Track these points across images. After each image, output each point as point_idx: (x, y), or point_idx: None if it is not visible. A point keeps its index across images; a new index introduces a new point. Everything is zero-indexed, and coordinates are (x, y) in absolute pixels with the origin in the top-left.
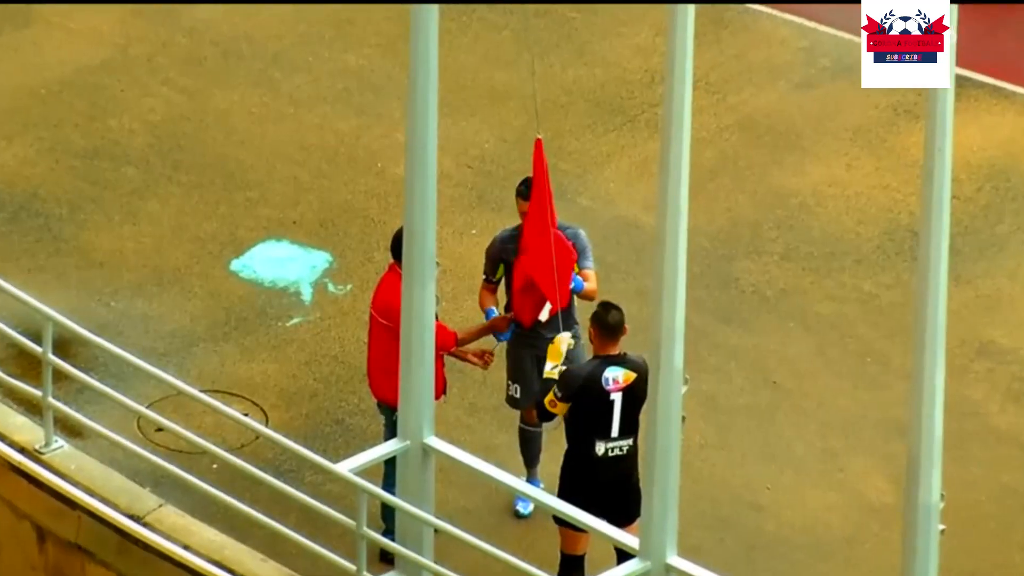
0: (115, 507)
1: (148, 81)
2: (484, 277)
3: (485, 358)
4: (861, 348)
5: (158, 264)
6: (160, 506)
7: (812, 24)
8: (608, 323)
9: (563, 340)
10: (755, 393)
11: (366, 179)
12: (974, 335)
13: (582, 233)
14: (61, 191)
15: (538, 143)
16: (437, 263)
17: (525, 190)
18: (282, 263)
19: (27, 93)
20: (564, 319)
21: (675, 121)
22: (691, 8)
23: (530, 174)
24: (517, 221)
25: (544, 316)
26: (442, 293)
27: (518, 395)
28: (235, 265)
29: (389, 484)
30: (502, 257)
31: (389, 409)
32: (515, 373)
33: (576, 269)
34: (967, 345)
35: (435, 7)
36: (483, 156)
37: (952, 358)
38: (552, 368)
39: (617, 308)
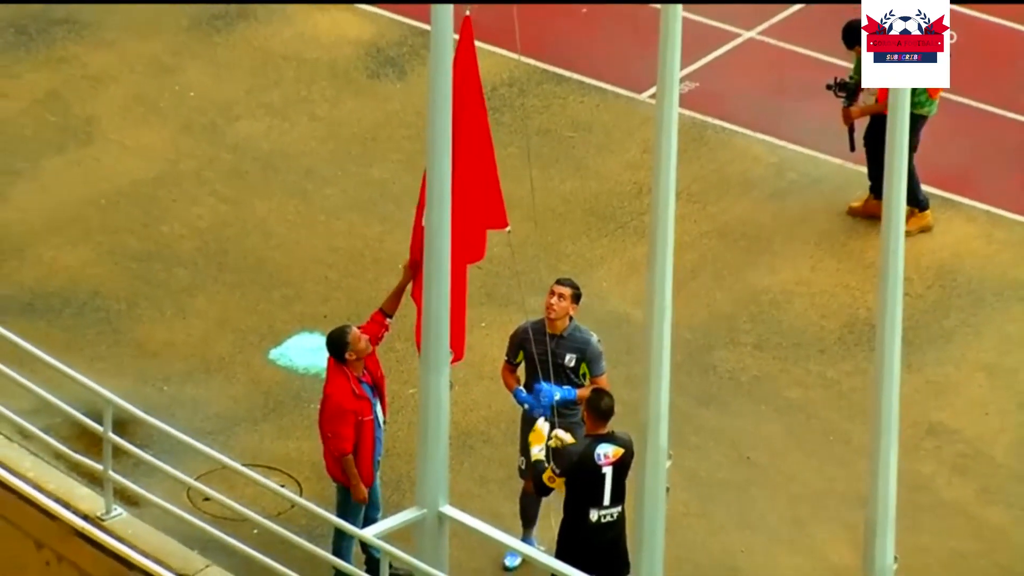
0: (168, 567)
1: (196, 192)
2: (506, 359)
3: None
4: (825, 428)
5: (205, 354)
6: (207, 566)
7: (782, 142)
8: (601, 408)
9: (544, 426)
10: (732, 468)
11: (388, 278)
12: (924, 417)
13: (594, 340)
14: (119, 289)
15: (466, 21)
16: (450, 351)
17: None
18: (315, 352)
19: (88, 203)
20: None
21: (660, 227)
22: (674, 129)
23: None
24: (530, 316)
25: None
26: (455, 379)
27: (524, 467)
28: (273, 354)
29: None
30: (524, 345)
31: (344, 488)
32: (524, 448)
33: (588, 375)
34: (918, 426)
35: (449, 139)
36: (491, 258)
37: (905, 437)
38: (538, 451)
39: (609, 395)
